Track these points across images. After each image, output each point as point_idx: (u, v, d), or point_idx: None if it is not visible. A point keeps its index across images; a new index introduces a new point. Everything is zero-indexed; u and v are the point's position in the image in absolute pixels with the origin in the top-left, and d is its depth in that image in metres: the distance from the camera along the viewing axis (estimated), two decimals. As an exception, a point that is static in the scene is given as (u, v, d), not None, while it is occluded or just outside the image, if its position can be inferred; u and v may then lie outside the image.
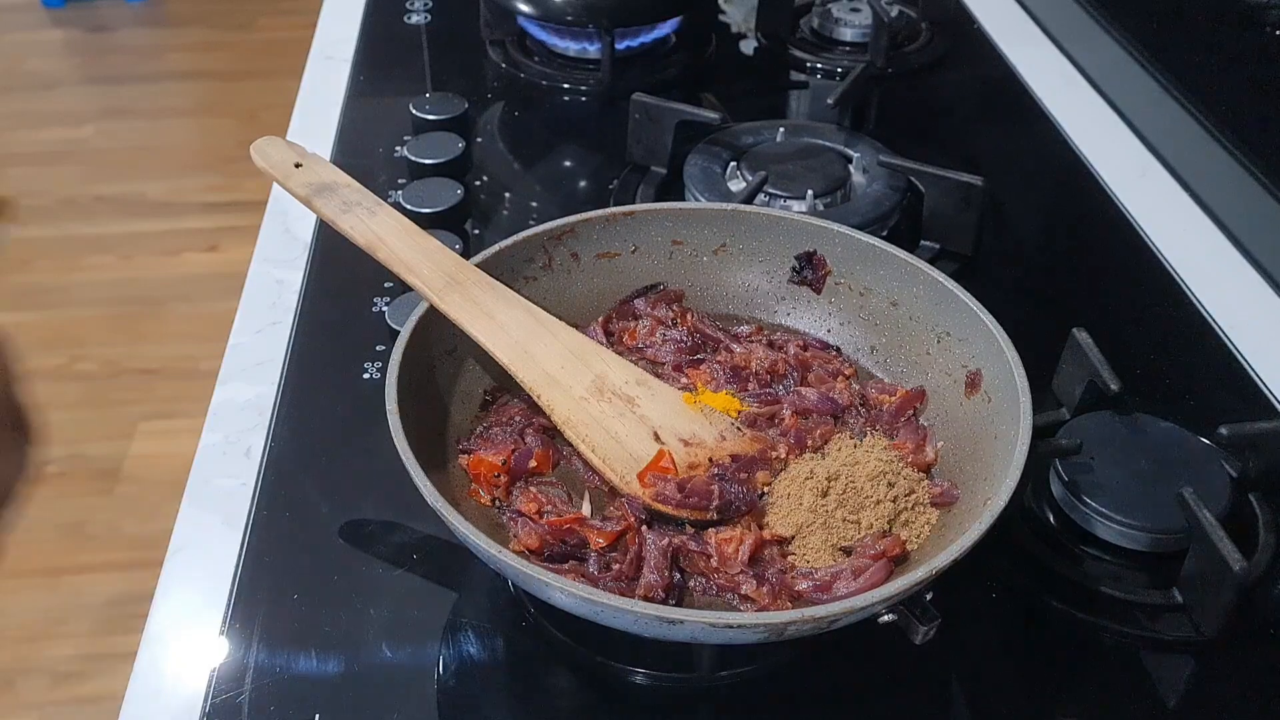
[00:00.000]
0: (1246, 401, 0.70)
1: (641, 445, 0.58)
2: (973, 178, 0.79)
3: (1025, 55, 1.09)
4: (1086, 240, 0.86)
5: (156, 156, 2.54)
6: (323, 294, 0.78)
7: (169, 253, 2.27)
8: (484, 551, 0.48)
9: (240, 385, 0.71)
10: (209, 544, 0.61)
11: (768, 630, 0.46)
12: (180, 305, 2.14)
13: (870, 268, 0.66)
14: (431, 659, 0.55)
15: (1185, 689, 0.55)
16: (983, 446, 0.57)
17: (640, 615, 0.45)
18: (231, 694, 0.53)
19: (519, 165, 0.95)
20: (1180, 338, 0.76)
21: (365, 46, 1.09)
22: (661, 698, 0.55)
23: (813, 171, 0.85)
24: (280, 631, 0.56)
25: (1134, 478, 0.60)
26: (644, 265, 0.69)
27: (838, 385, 0.63)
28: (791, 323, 0.68)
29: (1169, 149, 0.93)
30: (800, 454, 0.59)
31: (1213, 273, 0.81)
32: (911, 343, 0.64)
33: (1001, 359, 0.57)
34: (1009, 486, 0.50)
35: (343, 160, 0.91)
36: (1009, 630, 0.57)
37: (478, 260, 0.63)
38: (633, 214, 0.68)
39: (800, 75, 1.08)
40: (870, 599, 0.46)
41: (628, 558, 0.53)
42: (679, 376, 0.64)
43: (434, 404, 0.60)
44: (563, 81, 1.03)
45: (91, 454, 1.83)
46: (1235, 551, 0.53)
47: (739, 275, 0.69)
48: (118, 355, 2.02)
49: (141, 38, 3.06)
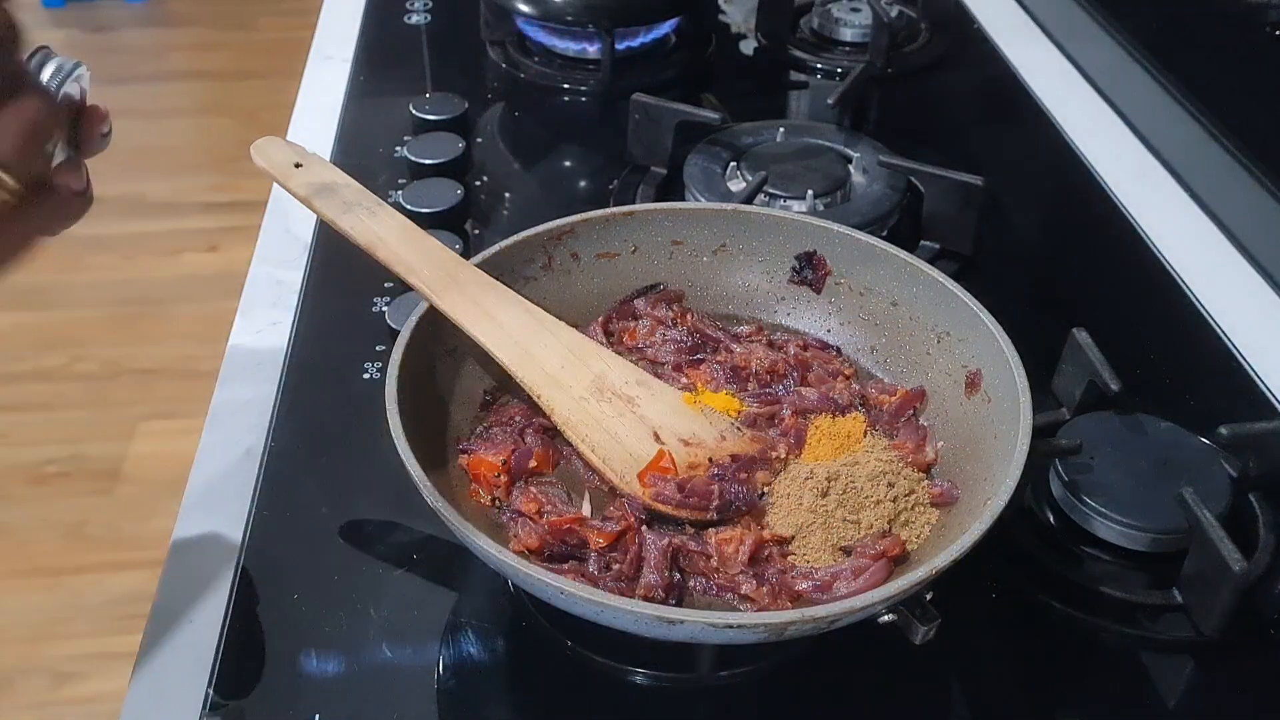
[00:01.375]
0: (1246, 401, 0.70)
1: (641, 445, 0.58)
2: (973, 178, 0.79)
3: (1025, 55, 1.09)
4: (1086, 240, 0.86)
5: (157, 156, 2.54)
6: (323, 294, 0.78)
7: (169, 253, 2.27)
8: (484, 551, 0.48)
9: (240, 385, 0.71)
10: (209, 544, 0.61)
11: (768, 630, 0.46)
12: (180, 305, 2.14)
13: (870, 268, 0.66)
14: (431, 659, 0.55)
15: (1185, 689, 0.55)
16: (983, 446, 0.57)
17: (640, 615, 0.45)
18: (232, 694, 0.53)
19: (519, 165, 0.95)
20: (1180, 338, 0.76)
21: (365, 46, 1.09)
22: (661, 698, 0.55)
23: (813, 171, 0.85)
24: (280, 631, 0.56)
25: (1134, 478, 0.60)
26: (644, 265, 0.69)
27: (838, 385, 0.63)
28: (791, 323, 0.68)
29: (1169, 149, 0.93)
30: (800, 454, 0.59)
31: (1213, 273, 0.81)
32: (911, 343, 0.64)
33: (1001, 359, 0.57)
34: (1009, 486, 0.50)
35: (343, 160, 0.91)
36: (1009, 630, 0.57)
37: (478, 260, 0.63)
38: (633, 214, 0.68)
39: (800, 75, 1.08)
40: (870, 599, 0.46)
41: (628, 558, 0.53)
42: (679, 376, 0.64)
43: (434, 404, 0.60)
44: (563, 82, 1.03)
45: (91, 454, 1.82)
46: (1235, 551, 0.53)
47: (739, 275, 0.69)
48: (118, 355, 2.02)
49: (141, 38, 3.06)
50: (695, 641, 0.50)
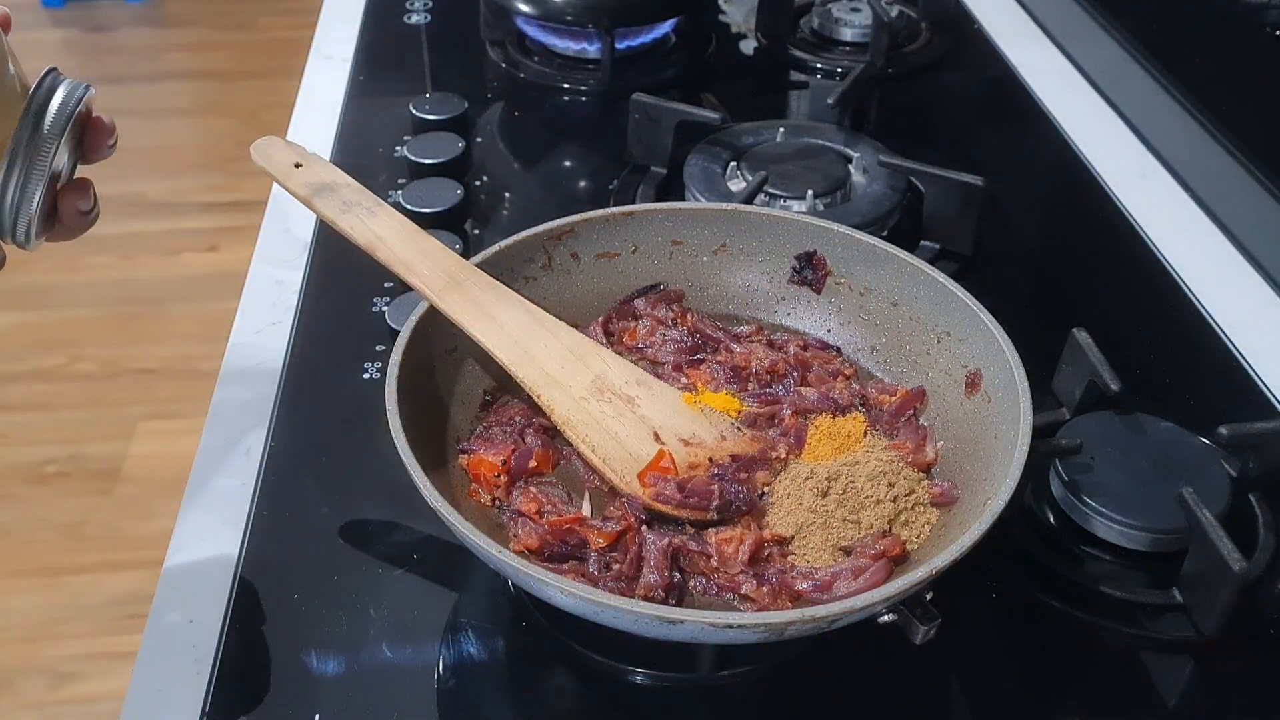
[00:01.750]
0: (1246, 401, 0.70)
1: (641, 445, 0.58)
2: (973, 178, 0.79)
3: (1025, 55, 1.09)
4: (1086, 240, 0.86)
5: (156, 156, 2.54)
6: (323, 294, 0.78)
7: (169, 253, 2.27)
8: (484, 552, 0.48)
9: (240, 385, 0.71)
10: (209, 544, 0.61)
11: (768, 630, 0.46)
12: (180, 305, 2.14)
13: (870, 268, 0.66)
14: (431, 659, 0.55)
15: (1185, 689, 0.55)
16: (983, 446, 0.57)
17: (640, 615, 0.45)
18: (232, 694, 0.53)
19: (519, 165, 0.95)
20: (1180, 338, 0.76)
21: (365, 46, 1.09)
22: (661, 698, 0.55)
23: (813, 171, 0.85)
24: (280, 631, 0.56)
25: (1134, 478, 0.60)
26: (644, 265, 0.69)
27: (838, 385, 0.63)
28: (791, 323, 0.68)
29: (1169, 149, 0.93)
30: (800, 454, 0.59)
31: (1213, 273, 0.81)
32: (912, 343, 0.64)
33: (1002, 359, 0.57)
34: (1009, 486, 0.50)
35: (343, 160, 0.91)
36: (1009, 630, 0.57)
37: (478, 260, 0.63)
38: (632, 214, 0.68)
39: (800, 75, 1.08)
40: (870, 599, 0.46)
41: (628, 558, 0.53)
42: (679, 376, 0.64)
43: (434, 404, 0.60)
44: (563, 81, 1.03)
45: (91, 454, 1.82)
46: (1235, 551, 0.53)
47: (739, 275, 0.69)
48: (118, 355, 2.02)
49: (141, 38, 3.05)
50: (695, 641, 0.50)
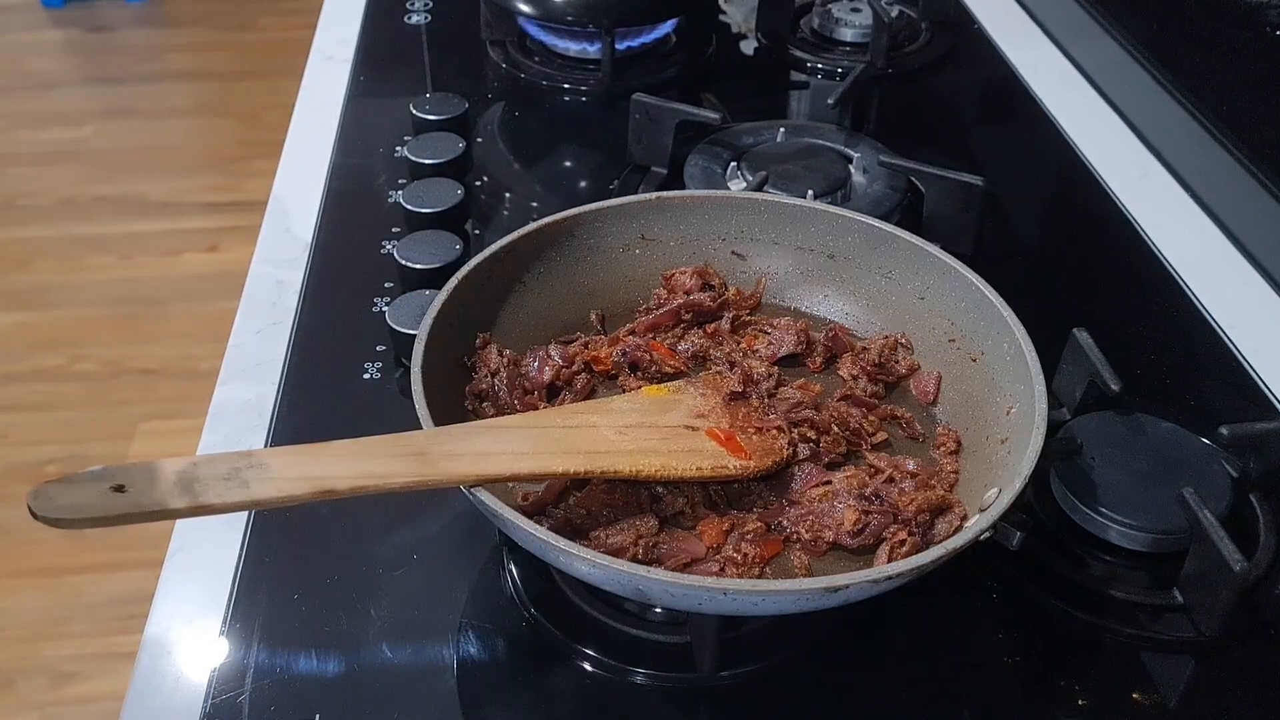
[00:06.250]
0: (1246, 401, 0.70)
1: (689, 443, 0.58)
2: (973, 178, 0.79)
3: (1025, 55, 1.09)
4: (1086, 240, 0.86)
5: (156, 156, 2.54)
6: (323, 294, 0.78)
7: (169, 253, 2.27)
8: (507, 517, 0.47)
9: (240, 385, 0.71)
10: (209, 544, 0.61)
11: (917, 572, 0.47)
12: (180, 305, 2.14)
13: (883, 253, 0.69)
14: (432, 659, 0.55)
15: (1185, 689, 0.55)
16: (988, 404, 0.60)
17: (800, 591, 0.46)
18: (232, 694, 0.53)
19: (519, 165, 0.95)
20: (1180, 338, 0.76)
21: (365, 46, 1.09)
22: (661, 698, 0.55)
23: (813, 171, 0.85)
24: (280, 631, 0.56)
25: (1134, 478, 0.60)
26: (644, 263, 0.69)
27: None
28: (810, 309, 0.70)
29: (1169, 149, 0.93)
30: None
31: (1213, 273, 0.81)
32: (924, 331, 0.67)
33: (1014, 341, 0.60)
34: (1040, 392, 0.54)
35: (343, 160, 0.91)
36: (1009, 630, 0.57)
37: (477, 260, 0.63)
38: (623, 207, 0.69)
39: (800, 75, 1.08)
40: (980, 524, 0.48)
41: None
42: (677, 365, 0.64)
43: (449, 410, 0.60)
44: (563, 81, 1.03)
45: (92, 454, 1.82)
46: (1236, 551, 0.53)
47: (756, 263, 0.71)
48: (118, 355, 2.02)
49: (141, 38, 3.05)
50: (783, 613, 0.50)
